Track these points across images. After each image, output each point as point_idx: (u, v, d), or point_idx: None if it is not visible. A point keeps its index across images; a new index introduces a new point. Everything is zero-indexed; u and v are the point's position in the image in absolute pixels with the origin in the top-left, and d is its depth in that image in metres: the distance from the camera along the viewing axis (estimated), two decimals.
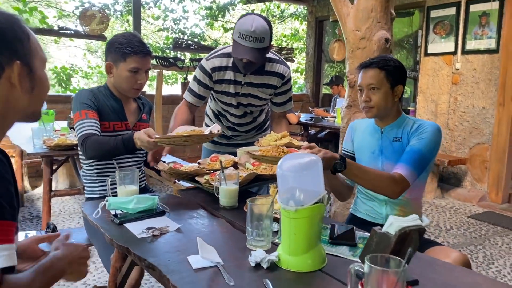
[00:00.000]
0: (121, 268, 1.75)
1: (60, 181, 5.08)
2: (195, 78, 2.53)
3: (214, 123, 2.72)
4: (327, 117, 5.97)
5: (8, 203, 0.98)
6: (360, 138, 2.10)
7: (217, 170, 2.20)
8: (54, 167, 3.43)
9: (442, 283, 1.25)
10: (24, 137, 3.53)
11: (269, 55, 2.48)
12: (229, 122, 2.69)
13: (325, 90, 8.24)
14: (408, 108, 6.29)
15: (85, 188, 2.32)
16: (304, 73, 8.94)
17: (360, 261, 1.28)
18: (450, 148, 5.36)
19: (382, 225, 2.03)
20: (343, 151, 2.20)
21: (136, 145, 1.94)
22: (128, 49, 2.06)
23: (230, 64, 2.46)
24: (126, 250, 1.46)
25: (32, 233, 2.37)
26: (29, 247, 1.30)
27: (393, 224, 1.17)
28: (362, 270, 1.03)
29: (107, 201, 1.68)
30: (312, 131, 6.39)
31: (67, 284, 2.86)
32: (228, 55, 2.46)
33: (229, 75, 2.48)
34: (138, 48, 2.08)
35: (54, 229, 2.29)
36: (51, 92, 8.61)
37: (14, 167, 4.67)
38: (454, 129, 5.34)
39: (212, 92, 2.58)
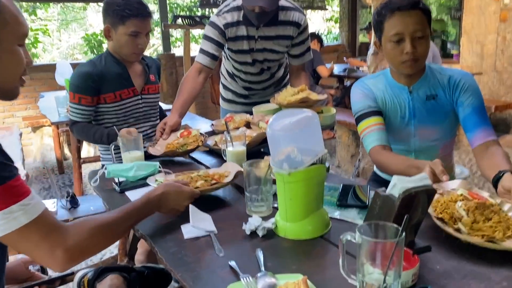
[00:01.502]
0: (128, 235, 1.71)
1: (98, 149, 5.19)
2: (206, 37, 2.35)
3: (229, 82, 2.59)
4: (362, 66, 5.63)
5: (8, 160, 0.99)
6: (382, 100, 1.73)
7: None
8: None
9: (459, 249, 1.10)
10: (51, 106, 3.57)
11: (282, 2, 2.27)
12: (244, 81, 2.54)
13: (362, 38, 7.80)
14: (452, 52, 5.83)
15: (101, 155, 2.29)
16: (338, 21, 8.48)
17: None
18: (498, 92, 4.94)
19: None
20: (361, 112, 1.72)
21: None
22: (126, 12, 1.93)
23: (241, 18, 2.28)
24: None
25: (54, 201, 2.40)
26: (16, 268, 1.28)
27: (397, 186, 1.02)
28: (355, 240, 0.90)
29: (106, 168, 1.62)
30: (348, 83, 6.10)
31: None
32: (238, 8, 2.27)
33: (242, 31, 2.30)
34: (137, 10, 1.95)
35: (73, 197, 2.30)
36: (76, 59, 8.75)
37: (52, 135, 4.80)
38: (503, 71, 4.89)
39: (225, 50, 2.43)
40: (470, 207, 1.14)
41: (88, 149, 5.06)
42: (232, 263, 1.06)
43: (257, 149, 1.96)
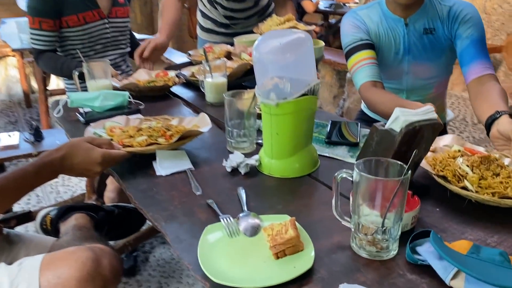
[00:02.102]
0: None
1: (62, 79, 4.90)
2: None
3: (208, 9, 2.36)
4: (349, 2, 5.37)
5: None
6: (375, 33, 1.57)
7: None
8: None
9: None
10: (13, 32, 3.27)
11: None
12: (226, 9, 2.32)
13: None
14: None
15: (66, 85, 2.09)
16: None
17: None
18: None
19: None
20: (352, 45, 1.56)
21: None
22: None
23: None
24: None
25: (15, 134, 2.22)
26: None
27: (399, 119, 0.89)
28: (351, 178, 0.79)
29: (68, 97, 1.45)
30: (333, 20, 5.85)
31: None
32: None
33: None
34: None
35: (37, 130, 2.13)
36: None
37: (17, 66, 4.47)
38: (492, 12, 4.73)
39: None
40: (474, 162, 1.01)
41: (57, 82, 4.77)
42: (211, 202, 0.95)
43: (238, 83, 1.80)
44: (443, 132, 1.58)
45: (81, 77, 1.63)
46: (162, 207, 0.95)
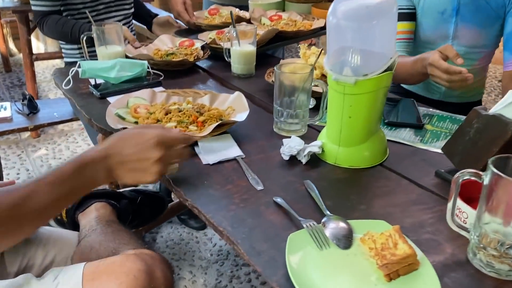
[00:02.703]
0: None
1: (48, 43, 4.55)
2: None
3: None
4: None
5: None
6: None
7: (222, 27, 1.72)
8: (32, 26, 2.91)
9: None
10: None
11: None
12: None
13: None
14: None
15: (63, 51, 1.85)
16: None
17: (443, 152, 0.89)
18: None
19: (439, 102, 1.64)
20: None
21: None
22: None
23: None
24: (109, 134, 1.07)
25: (7, 104, 1.99)
26: None
27: None
28: (479, 179, 0.64)
29: (79, 66, 1.24)
30: None
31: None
32: None
33: None
34: None
35: (31, 101, 1.90)
36: None
37: None
38: None
39: None
40: None
41: (37, 45, 4.43)
42: (280, 201, 0.79)
43: (262, 51, 1.61)
44: None
45: (88, 42, 1.41)
46: (222, 206, 0.79)
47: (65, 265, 0.94)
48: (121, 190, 1.28)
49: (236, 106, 1.07)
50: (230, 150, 0.95)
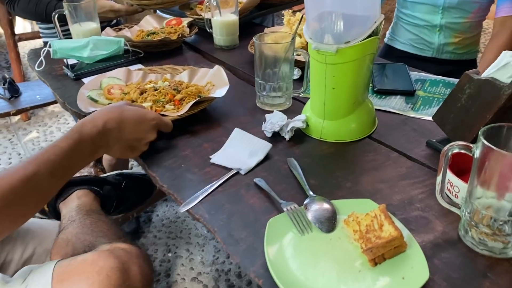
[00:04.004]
0: None
1: (34, 22, 4.43)
2: None
3: None
4: None
5: None
6: None
7: None
8: None
9: None
10: None
11: None
12: None
13: None
14: None
15: (40, 30, 1.78)
16: None
17: (433, 120, 0.84)
18: None
19: (432, 59, 1.57)
20: None
21: None
22: None
23: None
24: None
25: None
26: None
27: (509, 65, 0.68)
28: (469, 152, 0.59)
29: (50, 46, 1.17)
30: None
31: None
32: None
33: None
34: None
35: (11, 84, 1.84)
36: None
37: None
38: None
39: None
40: None
41: (24, 25, 4.31)
42: (259, 181, 0.74)
43: (247, 20, 1.53)
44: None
45: (62, 20, 1.34)
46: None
47: (46, 258, 0.91)
48: (105, 175, 1.23)
49: (215, 81, 1.01)
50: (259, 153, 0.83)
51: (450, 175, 0.67)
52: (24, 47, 3.64)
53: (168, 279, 1.65)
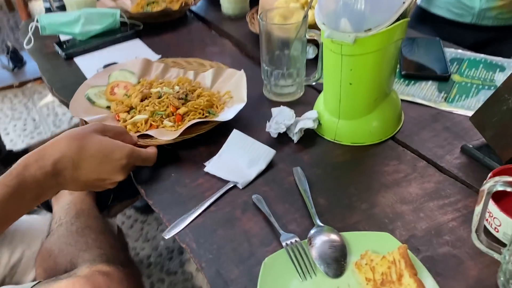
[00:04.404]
0: None
1: None
2: None
3: None
4: None
5: None
6: None
7: None
8: None
9: None
10: None
11: None
12: None
13: None
14: None
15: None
16: None
17: (471, 122, 0.69)
18: None
19: (471, 26, 1.38)
20: None
21: None
22: None
23: None
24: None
25: None
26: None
27: None
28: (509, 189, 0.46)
29: (37, 21, 1.06)
30: None
31: None
32: None
33: None
34: None
35: (15, 53, 1.74)
36: None
37: None
38: None
39: None
40: None
41: None
42: (257, 199, 0.63)
43: None
44: None
45: None
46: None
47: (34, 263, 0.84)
48: None
49: (235, 92, 0.83)
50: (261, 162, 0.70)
51: (490, 205, 0.54)
52: (38, 6, 3.52)
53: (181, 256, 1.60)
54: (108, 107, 0.82)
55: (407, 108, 0.81)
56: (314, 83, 0.86)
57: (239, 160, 0.70)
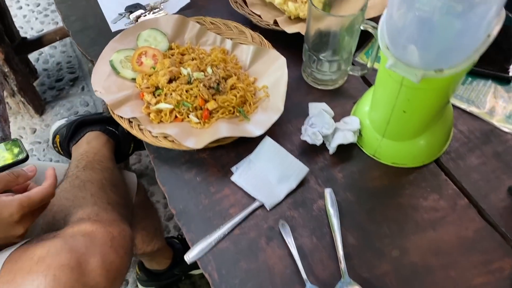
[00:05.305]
0: None
1: None
2: None
3: None
4: None
5: None
6: None
7: None
8: None
9: None
10: None
11: None
12: None
13: None
14: None
15: None
16: None
17: None
18: None
19: None
20: None
21: None
22: None
23: None
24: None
25: None
26: None
27: None
28: None
29: None
30: None
31: None
32: None
33: None
34: None
35: None
36: None
37: None
38: None
39: None
40: None
41: None
42: (285, 232, 0.61)
43: None
44: None
45: None
46: (211, 226, 0.62)
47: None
48: None
49: (272, 90, 0.73)
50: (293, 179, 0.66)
51: None
52: None
53: None
54: (134, 79, 0.75)
55: (458, 117, 0.74)
56: (359, 74, 0.77)
57: (269, 174, 0.66)
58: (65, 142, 0.96)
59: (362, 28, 0.68)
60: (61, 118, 1.22)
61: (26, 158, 0.74)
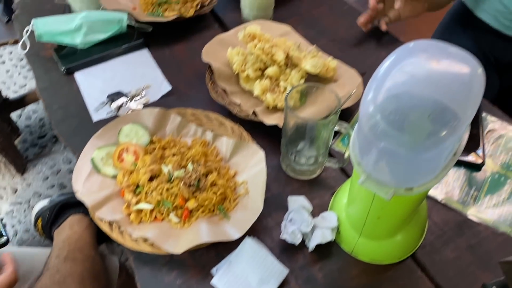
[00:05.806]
0: None
1: None
2: None
3: None
4: None
5: None
6: None
7: None
8: None
9: None
10: None
11: None
12: None
13: None
14: None
15: None
16: None
17: (501, 268, 0.65)
18: None
19: None
20: None
21: None
22: None
23: None
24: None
25: None
26: None
27: None
28: None
29: (34, 26, 0.93)
30: None
31: None
32: None
33: None
34: None
35: (6, 1, 1.58)
36: None
37: None
38: None
39: None
40: None
41: None
42: None
43: None
44: None
45: None
46: None
47: None
48: None
49: (252, 186, 0.74)
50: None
51: None
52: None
53: None
54: (115, 177, 0.76)
55: (432, 208, 0.76)
56: (336, 167, 0.79)
57: (249, 276, 0.66)
58: (47, 226, 0.96)
59: (336, 129, 0.71)
60: (44, 198, 1.21)
61: (6, 243, 0.74)
